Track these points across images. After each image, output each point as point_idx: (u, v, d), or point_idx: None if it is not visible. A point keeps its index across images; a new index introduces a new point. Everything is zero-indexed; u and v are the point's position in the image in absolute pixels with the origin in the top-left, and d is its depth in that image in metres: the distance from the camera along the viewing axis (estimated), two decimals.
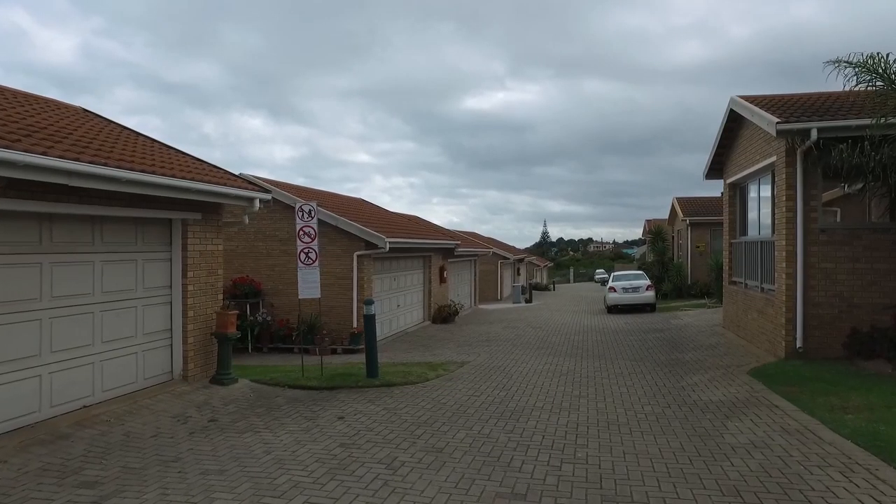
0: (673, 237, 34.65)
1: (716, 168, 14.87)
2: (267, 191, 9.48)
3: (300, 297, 9.66)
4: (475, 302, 28.20)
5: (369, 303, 9.35)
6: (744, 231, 13.60)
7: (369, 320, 9.19)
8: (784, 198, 9.86)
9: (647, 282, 22.65)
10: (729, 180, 13.99)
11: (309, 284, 9.40)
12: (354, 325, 14.77)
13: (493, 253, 32.15)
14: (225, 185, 8.43)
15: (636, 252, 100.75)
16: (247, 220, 9.61)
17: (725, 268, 14.49)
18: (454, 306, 21.85)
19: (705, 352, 11.49)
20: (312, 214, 9.35)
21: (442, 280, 21.59)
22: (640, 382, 8.97)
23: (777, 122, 9.22)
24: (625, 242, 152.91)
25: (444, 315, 20.84)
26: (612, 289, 22.56)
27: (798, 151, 9.57)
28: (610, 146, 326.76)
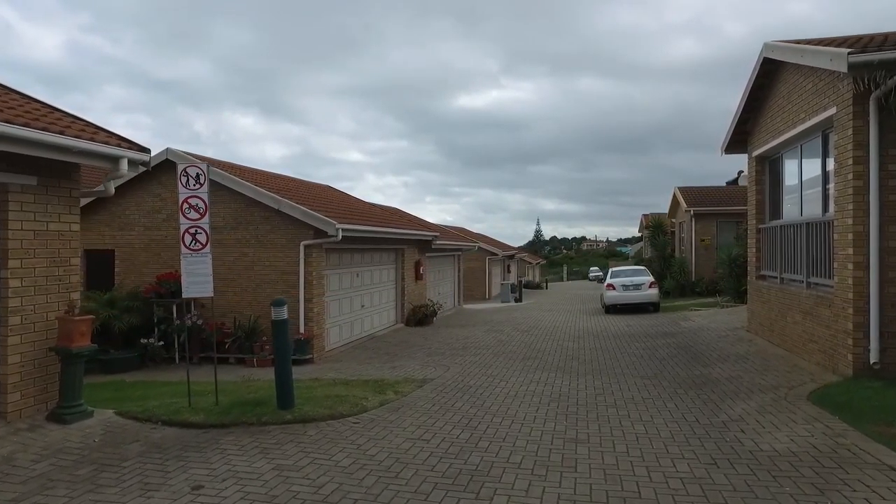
0: (673, 232, 32.16)
1: (737, 140, 12.32)
2: (144, 150, 6.81)
3: (184, 295, 6.99)
4: (459, 301, 25.62)
5: (279, 304, 6.70)
6: (776, 214, 11.06)
7: (279, 329, 6.57)
8: (850, 161, 7.31)
9: (650, 278, 20.11)
10: (756, 152, 11.44)
11: (196, 279, 6.74)
12: (302, 329, 12.15)
13: (479, 248, 29.56)
14: (60, 133, 5.77)
15: (631, 250, 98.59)
16: (112, 190, 6.94)
17: (751, 259, 11.96)
18: (432, 306, 19.26)
19: (736, 365, 8.93)
20: (201, 180, 6.69)
21: (418, 277, 19.00)
22: (661, 415, 6.40)
23: (849, 53, 6.65)
24: (618, 240, 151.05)
25: (419, 316, 18.24)
26: (611, 286, 20.00)
27: (872, 97, 7.02)
28: (605, 144, 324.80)
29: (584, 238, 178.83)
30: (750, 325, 11.85)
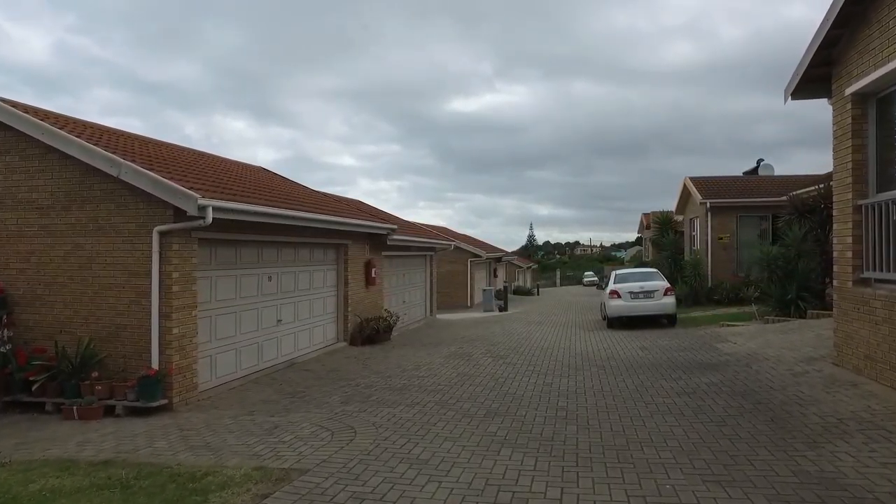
0: (681, 231, 28.05)
1: (813, 77, 8.21)
2: None
3: None
4: (430, 310, 21.40)
5: None
6: (890, 182, 6.93)
7: None
8: None
9: (665, 283, 15.93)
10: (853, 88, 7.31)
11: None
12: (153, 360, 7.92)
13: (457, 247, 25.35)
14: None
15: (626, 254, 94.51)
16: None
17: (841, 254, 7.83)
18: (387, 319, 15.06)
19: (877, 445, 4.77)
20: None
21: (369, 281, 14.80)
22: None
23: None
24: (612, 245, 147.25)
25: (368, 332, 14.06)
26: (615, 293, 15.81)
27: None
28: (600, 148, 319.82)
29: (577, 243, 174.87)
30: (841, 355, 7.69)
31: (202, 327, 8.83)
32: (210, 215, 7.76)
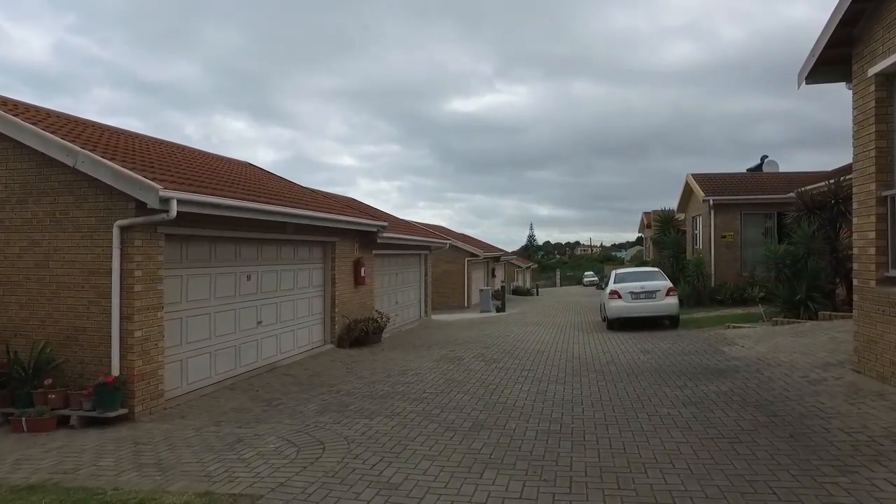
0: (684, 231, 27.38)
1: (831, 59, 7.56)
2: None
3: None
4: (425, 311, 20.76)
5: None
6: None
7: None
8: None
9: (667, 283, 15.26)
10: (877, 69, 6.67)
11: None
12: (114, 366, 7.29)
13: (452, 246, 24.68)
14: None
15: (627, 254, 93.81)
16: None
17: (862, 251, 7.17)
18: (378, 321, 14.42)
19: None
20: None
21: (358, 281, 14.16)
22: None
23: None
24: (612, 246, 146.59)
25: (357, 334, 13.43)
26: (615, 294, 15.16)
27: None
28: (599, 148, 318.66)
29: (577, 243, 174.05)
30: (863, 361, 7.04)
31: (171, 330, 8.21)
32: (174, 208, 7.12)
